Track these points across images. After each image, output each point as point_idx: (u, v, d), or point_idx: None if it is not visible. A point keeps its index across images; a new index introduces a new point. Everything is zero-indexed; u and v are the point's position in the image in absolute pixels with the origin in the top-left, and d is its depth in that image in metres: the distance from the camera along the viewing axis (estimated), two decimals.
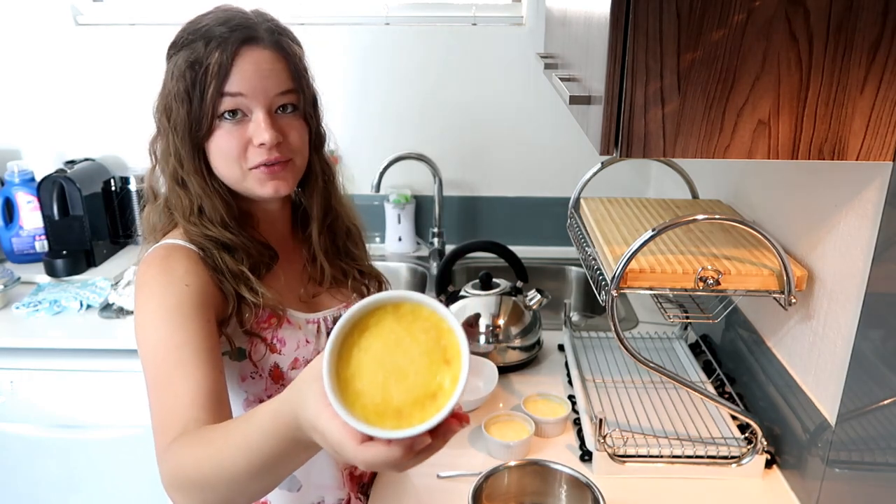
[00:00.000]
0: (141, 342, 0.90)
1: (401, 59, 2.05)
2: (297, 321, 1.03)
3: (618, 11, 0.76)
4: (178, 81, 0.91)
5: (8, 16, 2.06)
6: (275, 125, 0.93)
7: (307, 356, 1.03)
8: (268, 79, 0.92)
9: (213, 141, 0.94)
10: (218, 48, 0.90)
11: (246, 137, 0.93)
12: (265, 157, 0.93)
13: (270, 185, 0.96)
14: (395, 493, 1.13)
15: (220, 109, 0.91)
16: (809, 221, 1.09)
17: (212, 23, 0.92)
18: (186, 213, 0.96)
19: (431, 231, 2.11)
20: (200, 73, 0.90)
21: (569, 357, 1.48)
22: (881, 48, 0.77)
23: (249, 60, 0.91)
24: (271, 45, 0.94)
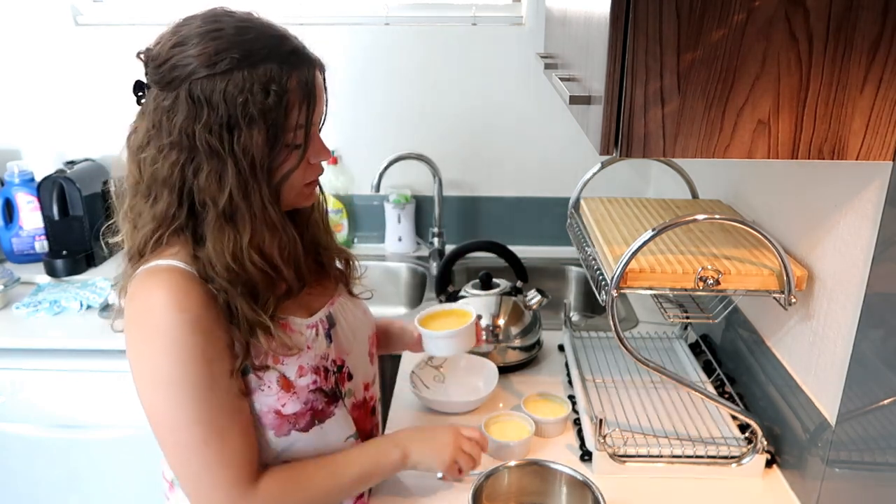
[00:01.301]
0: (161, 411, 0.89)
1: (401, 59, 2.05)
2: (298, 328, 1.01)
3: (618, 11, 0.76)
4: (245, 106, 0.86)
5: (8, 16, 2.06)
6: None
7: (311, 363, 1.00)
8: (324, 103, 0.97)
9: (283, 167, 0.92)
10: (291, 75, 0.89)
11: (309, 159, 0.96)
12: (319, 173, 1.00)
13: (312, 197, 1.03)
14: (395, 493, 1.13)
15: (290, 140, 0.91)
16: (809, 221, 1.09)
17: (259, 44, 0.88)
18: (232, 244, 0.89)
19: (431, 231, 2.11)
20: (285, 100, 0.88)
21: (569, 357, 1.48)
22: (881, 48, 0.77)
23: (319, 86, 0.94)
24: (319, 64, 0.96)
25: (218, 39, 0.86)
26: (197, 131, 0.86)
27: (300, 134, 0.91)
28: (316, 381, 1.00)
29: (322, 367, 1.02)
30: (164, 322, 0.87)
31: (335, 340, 1.06)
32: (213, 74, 0.85)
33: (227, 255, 0.89)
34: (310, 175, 0.98)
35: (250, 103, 0.86)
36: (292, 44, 0.92)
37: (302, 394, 0.98)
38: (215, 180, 0.88)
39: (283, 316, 0.98)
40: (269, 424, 0.97)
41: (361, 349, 1.12)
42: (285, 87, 0.88)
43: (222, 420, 0.90)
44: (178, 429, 0.89)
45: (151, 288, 0.89)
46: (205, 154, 0.87)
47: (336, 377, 1.05)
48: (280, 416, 0.97)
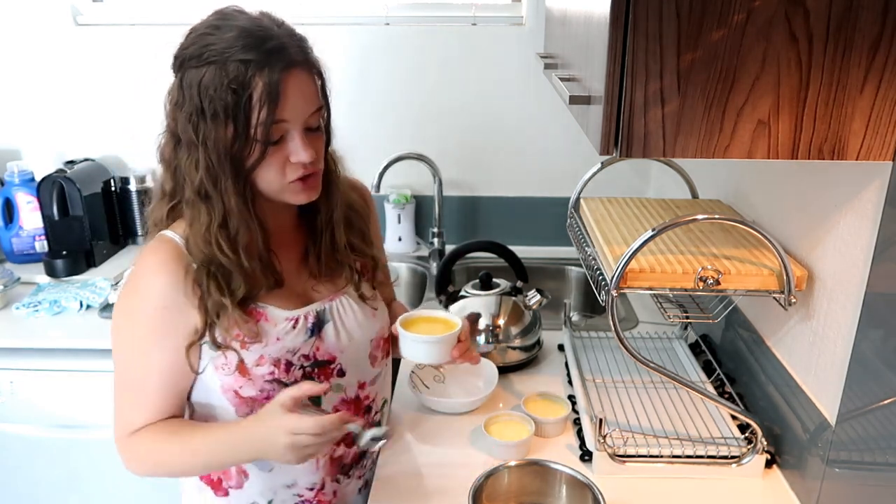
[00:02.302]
0: (113, 344, 1.05)
1: (401, 59, 2.05)
2: (275, 318, 1.05)
3: (618, 11, 0.76)
4: (212, 101, 0.91)
5: (8, 16, 2.06)
6: (309, 143, 0.97)
7: (273, 354, 1.04)
8: (305, 101, 0.96)
9: (253, 163, 0.95)
10: (260, 74, 0.91)
11: (284, 156, 0.96)
12: (301, 172, 0.98)
13: (304, 195, 1.01)
14: (395, 492, 1.13)
15: (264, 136, 0.93)
16: (809, 221, 1.09)
17: (240, 42, 0.91)
18: (203, 227, 0.97)
19: (431, 231, 2.11)
20: (244, 98, 0.90)
21: (569, 357, 1.48)
22: (881, 48, 0.77)
23: (294, 87, 0.93)
24: (305, 65, 0.96)
25: (213, 34, 0.92)
26: (179, 118, 0.95)
27: (261, 131, 0.92)
28: (273, 373, 1.04)
29: (285, 359, 1.05)
30: (138, 280, 1.01)
31: (323, 337, 1.09)
32: (199, 66, 0.92)
33: (199, 235, 0.98)
34: (292, 172, 0.98)
35: (216, 98, 0.90)
36: (273, 44, 0.92)
37: (257, 381, 1.04)
38: (192, 165, 0.95)
39: (263, 304, 1.04)
40: (230, 401, 1.05)
41: (359, 349, 1.13)
42: (248, 84, 0.90)
43: (148, 380, 1.03)
44: (116, 367, 1.05)
45: (144, 251, 1.03)
46: (184, 140, 0.95)
47: (311, 371, 1.07)
48: (238, 397, 1.05)
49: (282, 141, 0.96)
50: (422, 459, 1.21)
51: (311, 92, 0.97)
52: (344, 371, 1.11)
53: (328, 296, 1.12)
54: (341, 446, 1.14)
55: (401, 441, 1.26)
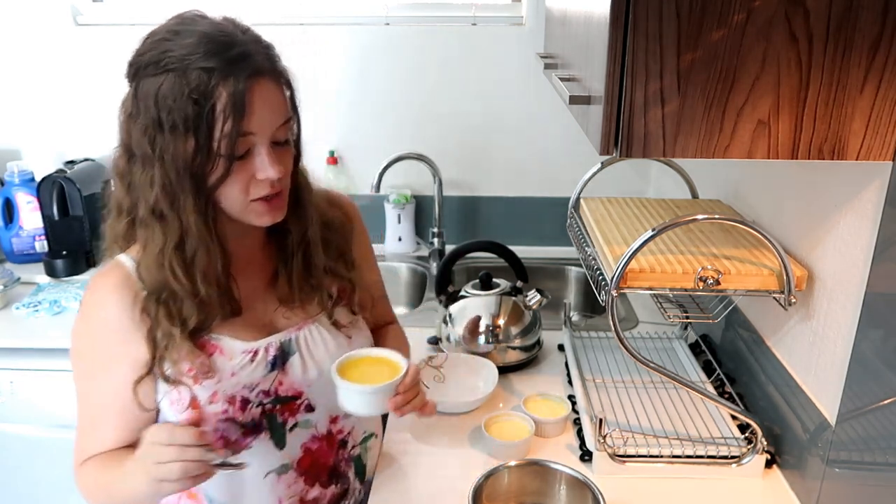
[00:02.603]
0: (73, 369, 1.00)
1: (401, 59, 2.05)
2: (231, 351, 0.97)
3: (618, 11, 0.76)
4: (171, 112, 0.84)
5: (8, 16, 2.06)
6: (276, 159, 0.89)
7: (227, 390, 0.96)
8: (272, 112, 0.89)
9: (216, 179, 0.88)
10: (224, 84, 0.83)
11: (250, 173, 0.89)
12: (268, 190, 0.91)
13: (268, 216, 0.94)
14: (395, 492, 1.13)
15: (238, 151, 0.86)
16: (809, 221, 1.09)
17: (202, 48, 0.84)
18: (157, 249, 0.90)
19: (431, 231, 2.11)
20: (207, 109, 0.83)
21: (569, 357, 1.48)
22: (881, 48, 0.77)
23: (260, 97, 0.86)
24: (272, 74, 0.89)
25: (172, 39, 0.86)
26: (134, 131, 0.88)
27: (225, 145, 0.85)
28: (227, 411, 0.96)
29: (241, 396, 0.97)
30: (87, 307, 0.96)
31: (287, 370, 1.01)
32: (157, 74, 0.85)
33: (152, 258, 0.91)
34: (257, 190, 0.90)
35: (175, 109, 0.83)
36: (238, 50, 0.85)
37: (210, 420, 0.96)
38: (148, 181, 0.88)
39: (217, 335, 0.97)
40: None
41: (330, 382, 1.00)
42: (211, 94, 0.83)
43: (100, 411, 0.98)
44: (77, 393, 1.01)
45: (94, 276, 0.97)
46: (139, 154, 0.88)
47: (272, 408, 1.00)
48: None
49: (247, 156, 0.88)
50: (422, 459, 1.21)
51: (279, 102, 0.90)
52: (313, 406, 1.04)
53: (297, 324, 1.04)
54: (316, 487, 1.07)
55: (401, 441, 1.26)
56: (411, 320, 1.78)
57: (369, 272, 1.18)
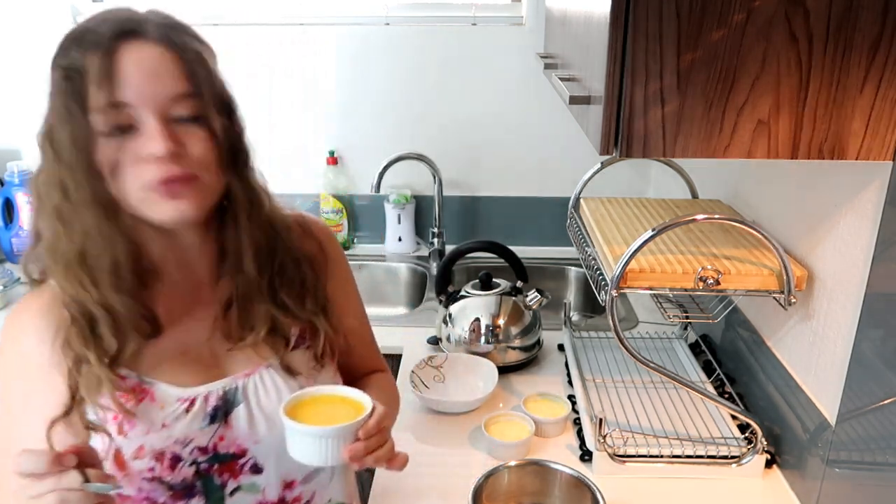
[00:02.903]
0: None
1: (400, 59, 2.05)
2: (164, 398, 0.83)
3: (618, 11, 0.76)
4: (58, 97, 0.75)
5: (8, 15, 2.06)
6: (169, 133, 0.76)
7: (156, 445, 0.82)
8: (156, 80, 0.75)
9: (103, 161, 0.76)
10: (93, 49, 0.74)
11: (136, 151, 0.76)
12: (161, 172, 0.75)
13: (170, 206, 0.77)
14: (395, 492, 1.13)
15: (108, 124, 0.75)
16: (809, 221, 1.09)
17: (91, 24, 0.76)
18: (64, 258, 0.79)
19: (431, 231, 2.11)
20: (78, 82, 0.73)
21: (569, 357, 1.48)
22: (881, 48, 0.77)
23: (131, 60, 0.74)
24: (158, 39, 0.76)
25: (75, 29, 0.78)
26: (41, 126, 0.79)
27: (101, 120, 0.74)
28: (154, 469, 0.82)
29: (172, 452, 0.82)
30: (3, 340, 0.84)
31: (231, 423, 0.85)
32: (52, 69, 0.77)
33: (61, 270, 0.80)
34: (143, 172, 0.76)
35: (56, 94, 0.76)
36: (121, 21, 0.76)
37: (135, 479, 0.82)
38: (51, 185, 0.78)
39: (151, 379, 0.83)
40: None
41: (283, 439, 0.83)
42: (81, 66, 0.73)
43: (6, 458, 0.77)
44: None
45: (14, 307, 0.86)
46: (42, 159, 0.79)
47: (209, 468, 0.85)
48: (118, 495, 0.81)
49: (134, 133, 0.76)
50: (422, 459, 1.21)
51: (169, 71, 0.76)
52: (260, 467, 0.87)
53: (247, 368, 0.88)
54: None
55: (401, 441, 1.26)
56: (411, 320, 1.78)
57: (347, 315, 1.00)
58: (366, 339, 1.08)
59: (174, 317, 0.86)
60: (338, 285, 0.99)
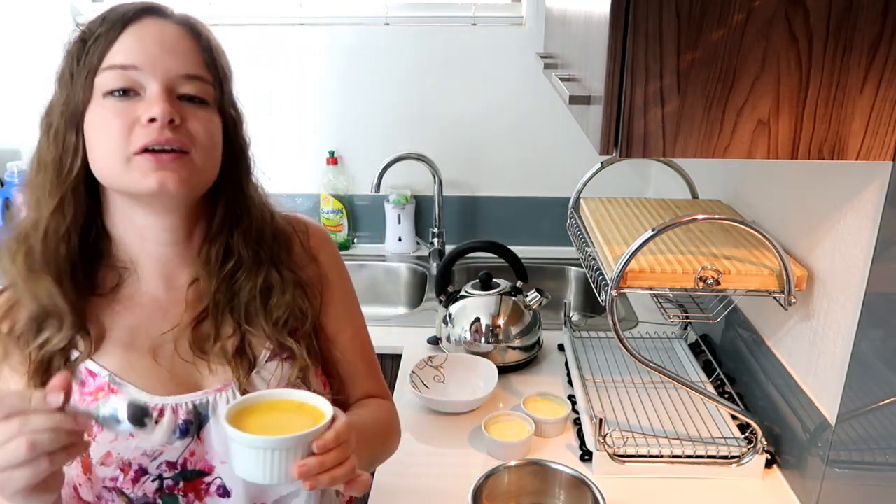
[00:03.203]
0: None
1: (400, 59, 2.05)
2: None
3: (618, 11, 0.76)
4: (64, 62, 0.76)
5: (8, 15, 2.06)
6: (173, 105, 0.74)
7: (124, 454, 0.78)
8: (170, 54, 0.74)
9: (89, 124, 0.74)
10: (112, 17, 0.75)
11: (134, 115, 0.73)
12: (154, 136, 0.73)
13: (155, 177, 0.73)
14: (395, 492, 1.13)
15: (103, 84, 0.73)
16: (809, 221, 1.09)
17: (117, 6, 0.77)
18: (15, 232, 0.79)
19: (431, 231, 2.11)
20: (90, 43, 0.73)
21: (569, 357, 1.48)
22: (881, 48, 0.77)
23: (150, 31, 0.74)
24: (180, 22, 0.77)
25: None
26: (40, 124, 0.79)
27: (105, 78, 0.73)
28: (117, 479, 0.78)
29: (138, 465, 0.78)
30: None
31: (203, 439, 0.81)
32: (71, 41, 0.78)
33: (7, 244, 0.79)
34: (135, 136, 0.73)
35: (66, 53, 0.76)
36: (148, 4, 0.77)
37: (96, 484, 0.78)
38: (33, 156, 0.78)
39: (120, 380, 0.79)
40: (70, 499, 0.80)
41: None
42: (93, 32, 0.74)
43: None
44: None
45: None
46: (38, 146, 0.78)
47: (174, 486, 0.80)
48: (77, 497, 0.80)
49: (134, 98, 0.74)
50: (422, 459, 1.21)
51: (185, 50, 0.76)
52: (228, 490, 0.82)
53: (218, 384, 0.82)
54: None
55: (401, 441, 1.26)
56: (411, 320, 1.78)
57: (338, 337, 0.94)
58: (361, 363, 0.98)
59: (149, 321, 0.83)
60: (332, 308, 0.93)
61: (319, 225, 0.99)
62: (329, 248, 0.96)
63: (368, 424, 0.91)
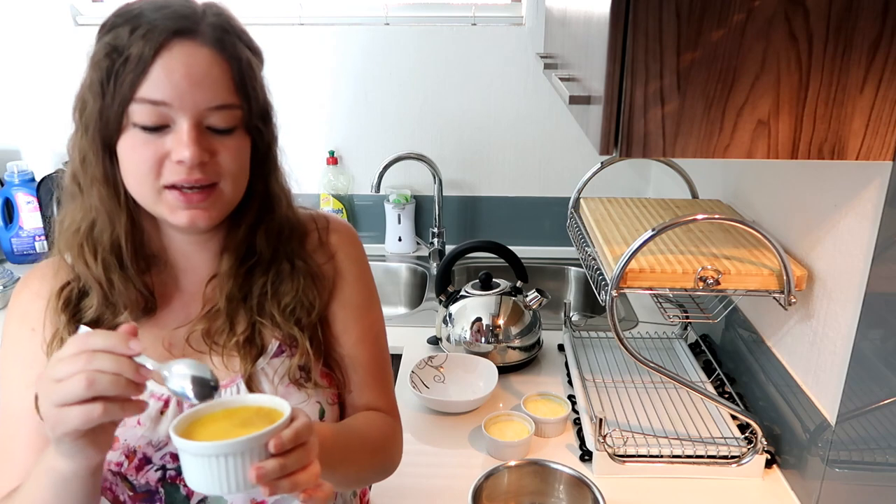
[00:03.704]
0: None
1: (401, 59, 2.05)
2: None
3: (618, 11, 0.76)
4: (94, 71, 0.75)
5: (8, 16, 2.06)
6: (201, 142, 0.74)
7: (130, 441, 0.80)
8: (200, 87, 0.74)
9: (123, 148, 0.76)
10: (143, 36, 0.72)
11: (164, 150, 0.74)
12: (182, 176, 0.74)
13: (185, 215, 0.76)
14: (395, 492, 1.13)
15: (134, 117, 0.74)
16: (809, 221, 1.09)
17: (146, 6, 0.75)
18: (73, 227, 0.80)
19: (431, 231, 2.11)
20: (119, 63, 0.72)
21: (569, 357, 1.48)
22: (881, 48, 0.77)
23: (179, 61, 0.73)
24: (211, 42, 0.75)
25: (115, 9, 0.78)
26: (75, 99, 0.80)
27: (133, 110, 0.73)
28: (122, 465, 0.80)
29: (143, 454, 0.80)
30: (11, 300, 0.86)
31: None
32: (98, 39, 0.77)
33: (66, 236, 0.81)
34: (170, 173, 0.75)
35: (95, 65, 0.75)
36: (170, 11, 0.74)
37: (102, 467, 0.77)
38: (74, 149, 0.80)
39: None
40: None
41: None
42: (124, 48, 0.72)
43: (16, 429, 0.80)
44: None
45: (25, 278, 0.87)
46: (73, 120, 0.80)
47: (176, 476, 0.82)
48: None
49: (165, 131, 0.74)
50: (422, 459, 1.21)
51: (215, 79, 0.74)
52: None
53: (226, 378, 0.84)
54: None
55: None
56: (411, 320, 1.78)
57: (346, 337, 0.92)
58: (365, 374, 0.95)
59: (167, 312, 0.85)
60: (341, 305, 0.92)
61: (347, 224, 0.98)
62: (351, 248, 0.95)
63: (354, 436, 0.88)
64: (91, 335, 0.65)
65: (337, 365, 0.93)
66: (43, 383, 0.64)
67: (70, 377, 0.62)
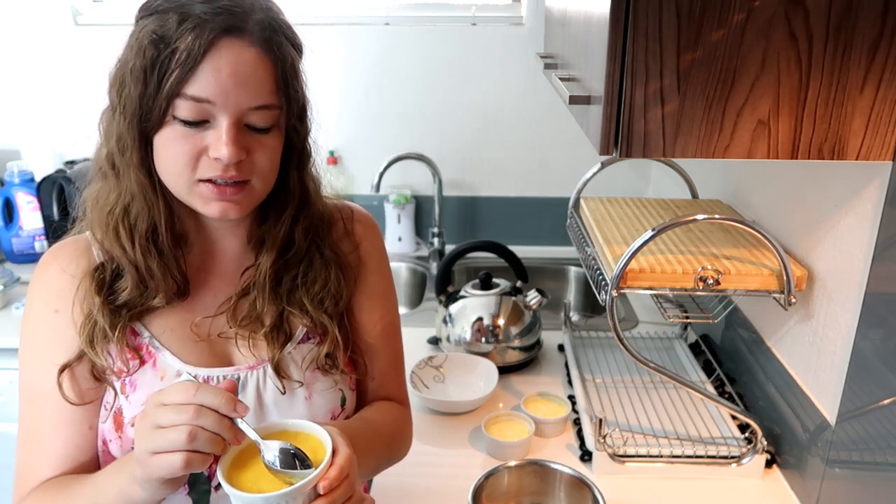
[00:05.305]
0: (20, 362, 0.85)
1: (401, 59, 2.05)
2: (166, 369, 0.82)
3: (618, 11, 0.76)
4: (138, 55, 0.74)
5: (8, 16, 2.06)
6: (239, 140, 0.76)
7: None
8: (243, 87, 0.75)
9: (161, 139, 0.76)
10: (192, 31, 0.72)
11: (202, 145, 0.76)
12: (218, 172, 0.76)
13: (217, 207, 0.78)
14: (395, 492, 1.13)
15: (177, 111, 0.74)
16: (809, 221, 1.09)
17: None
18: (107, 208, 0.81)
19: (431, 231, 2.11)
20: (165, 55, 0.72)
21: (569, 357, 1.48)
22: (881, 48, 0.77)
23: (226, 57, 0.73)
24: (259, 42, 0.75)
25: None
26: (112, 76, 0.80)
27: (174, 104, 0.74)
28: None
29: None
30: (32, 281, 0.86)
31: None
32: (145, 16, 0.77)
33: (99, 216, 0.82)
34: (205, 168, 0.76)
35: (139, 50, 0.74)
36: (220, 6, 0.74)
37: (126, 444, 0.81)
38: (110, 130, 0.79)
39: (158, 344, 0.83)
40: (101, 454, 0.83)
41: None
42: (171, 39, 0.72)
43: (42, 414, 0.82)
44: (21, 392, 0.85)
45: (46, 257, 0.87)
46: (109, 99, 0.80)
47: None
48: (107, 453, 0.83)
49: (204, 126, 0.75)
50: (422, 459, 1.21)
51: (256, 78, 0.76)
52: None
53: (251, 361, 0.86)
54: None
55: None
56: (411, 320, 1.78)
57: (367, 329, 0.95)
58: (385, 362, 0.99)
59: (196, 295, 0.87)
60: (365, 295, 0.95)
61: (369, 214, 1.01)
62: (374, 237, 0.99)
63: (375, 430, 0.92)
64: (201, 390, 0.67)
65: (360, 352, 0.95)
66: (143, 427, 0.67)
67: (173, 427, 0.65)
